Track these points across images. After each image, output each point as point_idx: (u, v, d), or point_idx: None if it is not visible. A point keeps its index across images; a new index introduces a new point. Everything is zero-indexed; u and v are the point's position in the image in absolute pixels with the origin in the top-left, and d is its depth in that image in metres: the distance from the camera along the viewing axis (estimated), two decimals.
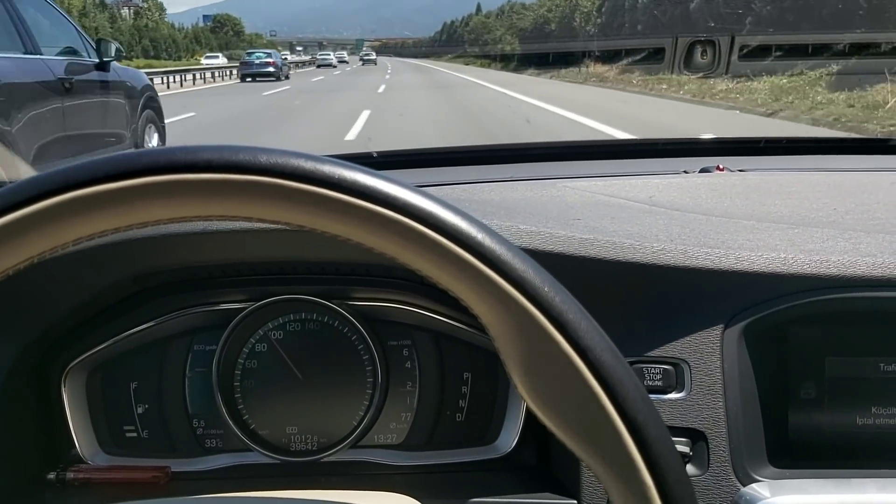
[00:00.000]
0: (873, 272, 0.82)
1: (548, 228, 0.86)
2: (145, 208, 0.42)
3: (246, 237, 0.87)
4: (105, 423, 0.98)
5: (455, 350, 1.00)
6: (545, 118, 14.01)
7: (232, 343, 0.97)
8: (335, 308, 0.97)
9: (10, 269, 0.42)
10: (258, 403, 0.98)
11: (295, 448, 0.98)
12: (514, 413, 0.97)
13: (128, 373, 0.99)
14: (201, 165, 0.41)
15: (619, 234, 0.87)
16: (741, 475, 0.81)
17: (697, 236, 0.88)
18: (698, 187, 1.18)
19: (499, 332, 0.43)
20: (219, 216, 0.43)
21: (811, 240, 0.89)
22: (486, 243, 0.42)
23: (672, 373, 0.83)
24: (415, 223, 0.42)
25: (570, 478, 0.86)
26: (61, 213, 0.41)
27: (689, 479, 0.44)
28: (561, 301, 0.42)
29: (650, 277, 0.84)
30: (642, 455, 0.42)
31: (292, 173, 0.42)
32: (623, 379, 0.42)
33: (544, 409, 0.43)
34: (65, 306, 0.91)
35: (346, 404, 0.98)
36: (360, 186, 0.42)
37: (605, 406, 0.42)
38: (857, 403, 0.85)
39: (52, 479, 0.93)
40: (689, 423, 0.82)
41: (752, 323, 0.83)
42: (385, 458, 0.98)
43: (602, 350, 0.42)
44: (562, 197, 1.11)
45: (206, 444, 0.99)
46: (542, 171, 1.39)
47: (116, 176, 0.41)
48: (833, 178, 1.28)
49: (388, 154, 1.55)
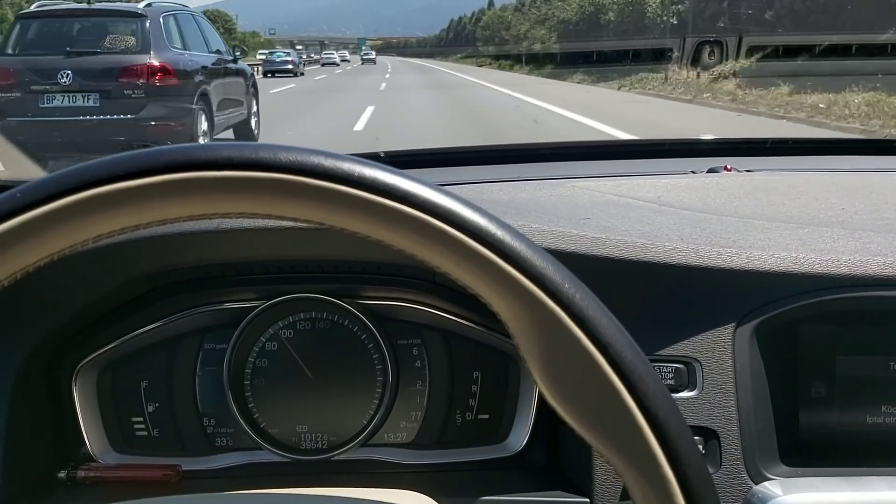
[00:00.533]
0: (884, 271, 0.83)
1: (560, 227, 0.86)
2: (165, 206, 0.42)
3: (258, 235, 0.87)
4: (115, 421, 0.99)
5: (465, 349, 1.00)
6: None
7: (242, 342, 0.97)
8: (346, 307, 0.97)
9: (29, 267, 0.42)
10: (268, 402, 0.98)
11: (305, 447, 0.98)
12: (524, 412, 0.97)
13: (138, 371, 0.99)
14: (221, 163, 0.42)
15: (631, 233, 0.87)
16: (753, 473, 0.82)
17: (709, 236, 0.89)
18: (707, 187, 1.18)
19: (519, 329, 0.43)
20: (238, 214, 0.43)
21: (821, 239, 0.89)
22: (507, 240, 0.42)
23: (684, 372, 0.83)
24: (435, 220, 0.42)
25: (582, 476, 0.86)
26: (82, 210, 0.41)
27: (710, 475, 0.44)
28: (581, 297, 0.42)
29: (662, 276, 0.84)
30: (664, 450, 0.42)
31: (312, 171, 0.42)
32: (644, 375, 0.42)
33: (565, 404, 0.43)
34: (77, 305, 0.92)
35: (356, 403, 0.98)
36: (379, 184, 0.42)
37: (626, 401, 0.42)
38: (868, 402, 0.85)
39: (63, 478, 0.93)
40: (701, 421, 0.82)
41: (764, 322, 0.83)
42: (395, 457, 0.98)
43: (623, 346, 0.42)
44: (571, 196, 1.11)
45: (217, 442, 1.00)
46: (550, 171, 1.39)
47: (137, 173, 0.41)
48: (841, 179, 1.28)
49: (396, 154, 1.55)
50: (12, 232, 0.41)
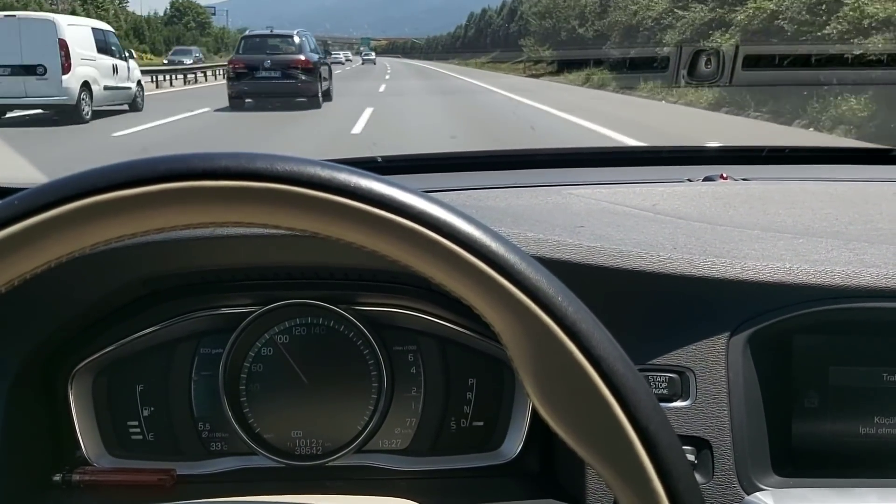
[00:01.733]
0: (877, 283, 0.83)
1: (555, 236, 0.86)
2: (163, 214, 0.42)
3: (255, 242, 0.87)
4: (111, 425, 0.99)
5: (460, 356, 1.00)
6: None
7: (238, 347, 0.97)
8: (341, 313, 0.97)
9: (27, 273, 0.43)
10: (264, 407, 0.98)
11: (300, 452, 0.99)
12: (518, 419, 0.97)
13: (134, 375, 0.99)
14: (219, 172, 0.42)
15: (626, 242, 0.88)
16: (745, 483, 0.82)
17: (703, 245, 0.89)
18: (702, 196, 1.19)
19: (511, 341, 0.43)
20: (234, 223, 0.43)
21: (815, 250, 0.89)
22: (501, 252, 0.43)
23: (677, 381, 0.83)
24: (429, 231, 0.42)
25: (575, 485, 0.86)
26: (81, 218, 0.41)
27: (700, 488, 0.44)
28: (574, 311, 0.42)
29: (656, 286, 0.85)
30: (653, 463, 0.42)
31: (308, 181, 0.42)
32: (635, 388, 0.42)
33: (556, 416, 0.43)
34: (74, 309, 0.92)
35: (351, 409, 0.98)
36: (375, 195, 0.42)
37: (617, 414, 0.42)
38: (860, 413, 0.85)
39: (58, 481, 0.93)
40: (693, 431, 0.82)
41: (757, 332, 0.84)
42: (389, 464, 0.98)
43: (615, 359, 0.42)
44: (567, 204, 1.11)
45: (212, 447, 1.00)
46: (546, 177, 1.40)
47: (135, 182, 0.42)
48: (836, 189, 1.29)
49: (393, 159, 1.55)
50: (10, 239, 0.41)
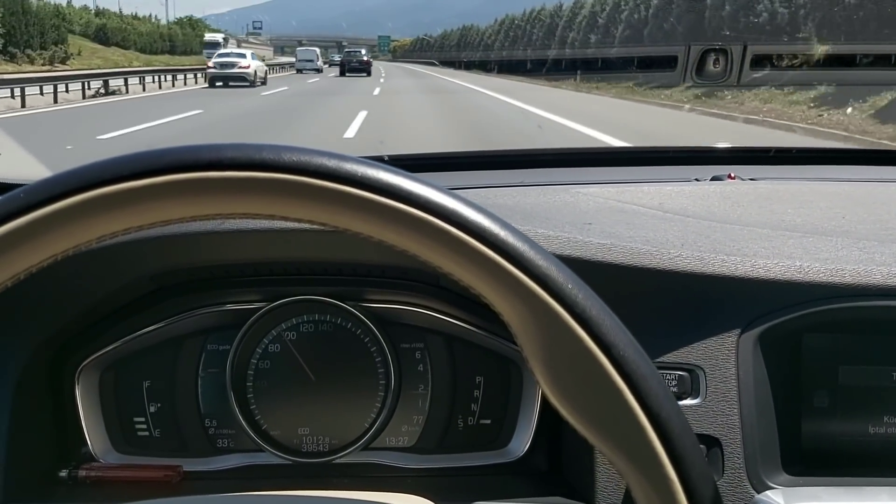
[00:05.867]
0: (888, 281, 0.83)
1: (565, 233, 0.86)
2: (169, 206, 0.42)
3: (262, 236, 0.87)
4: (117, 421, 0.99)
5: (468, 353, 1.00)
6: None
7: (246, 343, 0.97)
8: (349, 309, 0.97)
9: (33, 267, 0.42)
10: (270, 404, 0.98)
11: (307, 449, 0.98)
12: (526, 417, 0.97)
13: (141, 372, 0.99)
14: (226, 163, 0.42)
15: (636, 239, 0.87)
16: (755, 482, 0.81)
17: (713, 243, 0.89)
18: (710, 195, 1.18)
19: (522, 330, 0.43)
20: (241, 214, 0.43)
21: (826, 249, 0.89)
22: (510, 241, 0.42)
23: (687, 379, 0.83)
24: (438, 220, 0.42)
25: (583, 482, 0.86)
26: (86, 210, 0.41)
27: (712, 475, 0.44)
28: (584, 298, 0.42)
29: (666, 283, 0.84)
30: (666, 450, 0.42)
31: (315, 171, 0.42)
32: (647, 375, 0.42)
33: (567, 404, 0.43)
34: (81, 304, 0.92)
35: (358, 406, 0.98)
36: (383, 184, 0.42)
37: (629, 401, 0.42)
38: (870, 412, 0.85)
39: (65, 477, 0.93)
40: (704, 429, 0.82)
41: (767, 330, 0.83)
42: (396, 461, 0.98)
43: (626, 346, 0.42)
44: (575, 202, 1.11)
45: (218, 443, 1.00)
46: (554, 176, 1.39)
47: (141, 174, 0.41)
48: (844, 189, 1.28)
49: (399, 157, 1.55)
50: (15, 233, 0.41)
